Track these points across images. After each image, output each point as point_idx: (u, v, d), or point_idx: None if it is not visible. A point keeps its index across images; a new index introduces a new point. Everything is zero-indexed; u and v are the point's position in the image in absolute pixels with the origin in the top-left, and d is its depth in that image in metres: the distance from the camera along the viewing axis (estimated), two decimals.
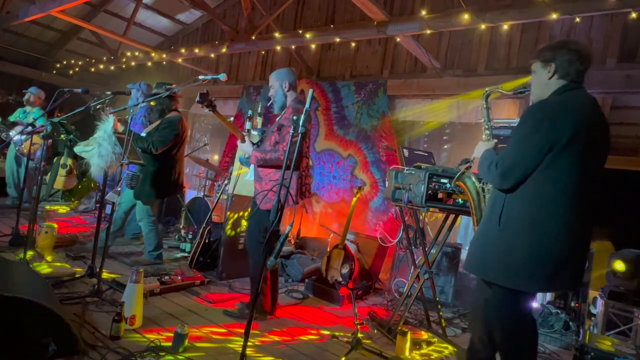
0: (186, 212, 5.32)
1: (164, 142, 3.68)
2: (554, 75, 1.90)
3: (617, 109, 4.79)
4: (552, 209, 1.80)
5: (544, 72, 1.93)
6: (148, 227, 3.94)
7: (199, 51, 6.34)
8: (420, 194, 2.77)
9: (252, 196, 3.05)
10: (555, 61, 1.89)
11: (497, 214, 1.88)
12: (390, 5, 5.80)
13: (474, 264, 1.99)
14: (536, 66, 1.98)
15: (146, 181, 3.72)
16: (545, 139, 1.77)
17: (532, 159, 1.80)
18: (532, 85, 2.03)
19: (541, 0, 3.47)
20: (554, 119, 1.78)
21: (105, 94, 3.13)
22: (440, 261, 4.06)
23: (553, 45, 1.94)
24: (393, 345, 2.84)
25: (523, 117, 1.89)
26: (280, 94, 3.00)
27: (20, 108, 5.58)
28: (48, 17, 7.02)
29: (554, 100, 1.87)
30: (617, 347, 2.60)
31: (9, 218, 4.76)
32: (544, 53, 1.94)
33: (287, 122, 2.84)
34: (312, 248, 5.08)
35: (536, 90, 2.00)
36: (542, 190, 1.80)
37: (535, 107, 1.89)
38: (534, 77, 2.00)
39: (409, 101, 5.52)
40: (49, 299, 2.06)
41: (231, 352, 2.46)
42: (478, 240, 2.01)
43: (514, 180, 1.83)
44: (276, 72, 3.04)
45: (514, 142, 1.87)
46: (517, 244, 1.82)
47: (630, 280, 3.40)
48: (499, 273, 1.87)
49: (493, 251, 1.88)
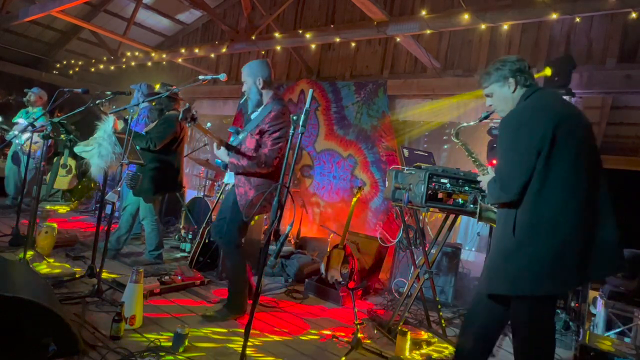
0: (186, 212, 5.32)
1: (161, 138, 3.69)
2: (516, 87, 2.00)
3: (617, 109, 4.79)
4: (556, 208, 1.81)
5: (504, 89, 2.02)
6: (150, 226, 3.96)
7: (199, 51, 6.34)
8: (420, 194, 2.77)
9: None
10: (511, 75, 1.99)
11: (510, 227, 1.88)
12: (390, 5, 5.80)
13: (498, 282, 1.94)
14: (493, 89, 2.06)
15: (145, 178, 3.73)
16: (528, 143, 1.82)
17: (525, 165, 1.82)
18: (495, 105, 2.10)
19: (541, 0, 3.47)
20: (530, 122, 1.85)
21: (105, 94, 3.13)
22: (440, 261, 4.06)
23: (496, 66, 2.03)
24: (393, 345, 2.84)
25: (501, 132, 1.95)
26: (254, 91, 2.83)
27: (23, 109, 5.57)
28: (48, 17, 7.02)
29: (523, 107, 1.94)
30: (617, 347, 2.60)
31: (9, 218, 4.76)
32: (492, 74, 2.03)
33: (269, 127, 2.72)
34: (312, 248, 5.08)
35: (503, 106, 2.06)
36: (548, 194, 1.82)
37: (508, 118, 1.95)
38: (495, 98, 2.07)
39: (409, 101, 5.52)
40: (49, 299, 2.06)
41: (231, 352, 2.46)
42: (496, 261, 1.97)
43: (516, 189, 1.83)
44: (248, 66, 2.81)
45: (501, 156, 1.92)
46: (536, 250, 1.82)
47: (630, 280, 3.40)
48: (525, 283, 1.84)
49: (516, 265, 1.86)
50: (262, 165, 2.72)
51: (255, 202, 2.76)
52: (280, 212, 1.99)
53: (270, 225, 2.01)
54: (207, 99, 8.25)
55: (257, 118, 2.82)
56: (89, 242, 4.21)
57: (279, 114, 2.75)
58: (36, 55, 8.91)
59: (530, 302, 1.89)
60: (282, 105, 2.80)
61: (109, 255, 3.57)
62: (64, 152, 6.35)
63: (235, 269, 2.96)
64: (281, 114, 2.76)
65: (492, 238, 2.12)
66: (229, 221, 2.89)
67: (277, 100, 2.83)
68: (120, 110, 3.22)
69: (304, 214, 5.55)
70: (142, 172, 3.68)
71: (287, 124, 2.76)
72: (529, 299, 1.88)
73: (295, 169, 6.15)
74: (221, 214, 2.98)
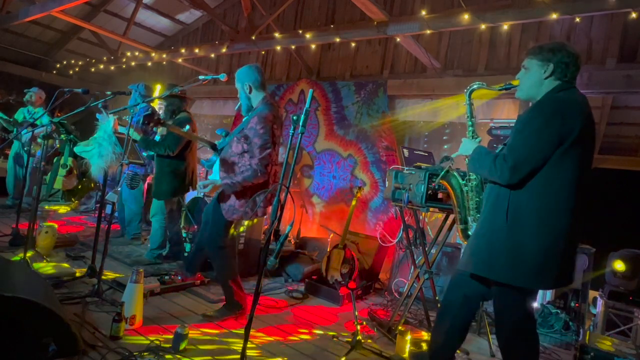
0: (186, 212, 5.31)
1: (178, 143, 3.72)
2: (551, 75, 1.92)
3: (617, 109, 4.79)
4: (559, 204, 1.82)
5: (539, 71, 1.95)
6: (159, 223, 4.01)
7: (199, 51, 6.34)
8: (420, 194, 2.77)
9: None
10: (554, 61, 1.91)
11: (502, 210, 1.87)
12: (390, 5, 5.80)
13: (479, 263, 1.94)
14: (531, 63, 1.98)
15: (164, 180, 3.84)
16: (556, 133, 1.79)
17: (544, 153, 1.80)
18: (522, 81, 2.03)
19: (541, 0, 3.47)
20: (565, 114, 1.80)
21: (106, 94, 3.13)
22: (440, 261, 4.06)
23: (552, 46, 1.94)
24: (393, 345, 2.84)
25: (533, 112, 1.88)
26: (243, 96, 2.84)
27: (23, 107, 5.57)
28: (48, 17, 7.02)
29: (560, 98, 1.88)
30: (617, 347, 2.60)
31: (9, 218, 4.76)
32: (543, 52, 1.94)
33: (252, 134, 2.68)
34: (312, 248, 5.07)
35: (528, 87, 2.00)
36: (550, 186, 1.82)
37: (544, 103, 1.90)
38: (526, 74, 2.00)
39: (409, 101, 5.52)
40: (49, 299, 2.06)
41: (231, 352, 2.46)
42: (481, 239, 1.96)
43: (525, 173, 1.82)
44: (237, 73, 2.85)
45: (526, 136, 1.85)
46: (527, 239, 1.82)
47: (630, 280, 3.40)
48: (507, 271, 1.84)
49: (502, 249, 1.85)
50: (258, 175, 2.67)
51: (240, 207, 2.75)
52: (280, 212, 1.99)
53: (270, 225, 2.01)
54: (207, 99, 8.25)
55: (244, 122, 2.81)
56: (89, 242, 4.21)
57: (260, 118, 2.68)
58: (36, 55, 8.91)
59: (508, 289, 1.90)
60: (268, 110, 2.74)
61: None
62: (64, 152, 6.34)
63: (222, 269, 2.92)
64: (263, 119, 2.68)
65: (480, 215, 2.09)
66: (212, 224, 2.87)
67: (265, 104, 2.78)
68: (120, 110, 3.22)
69: (304, 214, 5.55)
70: (161, 175, 3.83)
71: (269, 127, 2.70)
72: (508, 286, 1.89)
73: (295, 169, 6.15)
74: (204, 217, 2.99)
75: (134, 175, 4.41)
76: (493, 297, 2.03)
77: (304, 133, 2.02)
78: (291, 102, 6.40)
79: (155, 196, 3.94)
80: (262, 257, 2.02)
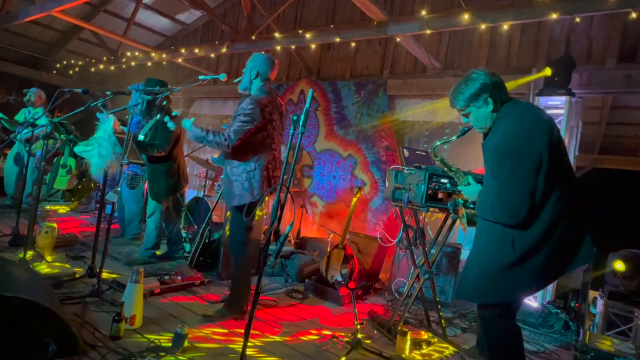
0: (186, 212, 5.32)
1: (168, 142, 3.77)
2: (495, 104, 1.99)
3: (617, 109, 4.80)
4: (558, 219, 1.87)
5: (482, 108, 2.01)
6: (155, 223, 4.02)
7: (199, 51, 6.34)
8: (420, 194, 2.77)
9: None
10: (488, 94, 1.98)
11: (508, 240, 1.90)
12: (390, 5, 5.80)
13: (490, 292, 1.99)
14: (471, 109, 2.05)
15: (161, 181, 3.88)
16: (531, 166, 1.83)
17: (531, 189, 1.83)
18: (474, 123, 2.09)
19: (541, 0, 3.47)
20: (526, 145, 1.85)
21: (106, 94, 3.13)
22: (440, 261, 4.05)
23: (469, 85, 2.01)
24: (393, 345, 2.84)
25: (496, 158, 1.92)
26: (247, 78, 2.90)
27: (24, 108, 5.56)
28: (48, 17, 7.02)
29: (513, 128, 1.91)
30: (617, 347, 2.60)
31: (9, 218, 4.76)
32: (471, 97, 2.01)
33: (240, 111, 2.73)
34: (312, 248, 5.08)
35: (483, 123, 2.06)
36: (548, 208, 1.86)
37: (500, 144, 1.92)
38: (474, 116, 2.06)
39: (409, 101, 5.52)
40: (49, 299, 2.06)
41: (231, 352, 2.46)
42: (481, 266, 2.01)
43: (525, 213, 1.84)
44: (254, 56, 2.92)
45: (505, 182, 1.88)
46: (538, 260, 1.88)
47: (630, 280, 3.40)
48: (515, 291, 1.96)
49: (517, 276, 1.91)
50: (224, 143, 2.68)
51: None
52: (281, 212, 1.99)
53: (270, 225, 2.01)
54: (207, 99, 8.25)
55: (237, 107, 2.88)
56: (89, 242, 4.21)
57: (253, 100, 2.74)
58: (36, 55, 8.91)
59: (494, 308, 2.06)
60: (263, 94, 2.79)
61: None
62: (64, 152, 6.34)
63: (239, 266, 2.98)
64: (255, 101, 2.74)
65: (474, 247, 2.12)
66: (232, 223, 3.01)
67: (263, 91, 2.85)
68: (120, 110, 3.22)
69: (304, 214, 5.55)
70: (157, 176, 3.86)
71: (259, 109, 2.73)
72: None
73: (295, 169, 6.15)
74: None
75: (134, 175, 4.40)
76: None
77: (304, 133, 2.02)
78: (291, 102, 6.40)
79: (154, 198, 3.96)
80: (262, 257, 2.02)
